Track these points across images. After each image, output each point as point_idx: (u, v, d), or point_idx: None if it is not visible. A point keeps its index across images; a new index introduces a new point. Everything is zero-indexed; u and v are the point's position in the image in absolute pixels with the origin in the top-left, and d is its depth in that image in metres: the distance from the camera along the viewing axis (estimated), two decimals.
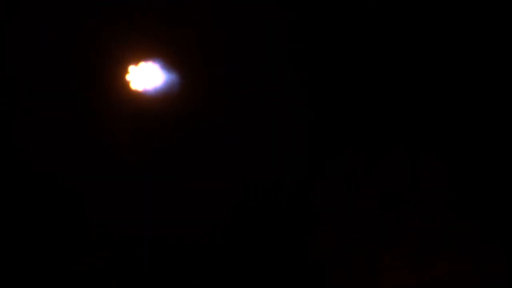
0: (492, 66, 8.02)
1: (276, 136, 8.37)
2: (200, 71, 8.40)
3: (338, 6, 8.30)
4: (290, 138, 8.35)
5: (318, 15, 8.35)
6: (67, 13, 8.28)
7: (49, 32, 8.28)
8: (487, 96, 8.01)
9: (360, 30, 8.29)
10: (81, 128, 8.38)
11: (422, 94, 8.16)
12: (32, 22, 8.29)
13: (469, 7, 8.06)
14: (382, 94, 8.25)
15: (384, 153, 8.15)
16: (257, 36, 8.36)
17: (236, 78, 8.39)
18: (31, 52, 8.32)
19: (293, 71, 8.41)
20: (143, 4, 8.32)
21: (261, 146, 8.36)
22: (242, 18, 8.33)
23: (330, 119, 8.34)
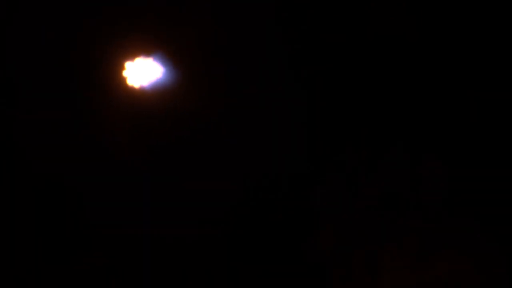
0: (492, 66, 8.02)
1: (276, 136, 8.36)
2: (199, 68, 8.39)
3: (338, 6, 8.29)
4: (290, 138, 8.35)
5: (318, 15, 8.34)
6: (64, 11, 8.27)
7: (47, 31, 8.27)
8: (487, 96, 8.02)
9: (360, 30, 8.29)
10: (79, 127, 8.37)
11: (422, 94, 8.16)
12: (31, 21, 8.28)
13: (469, 7, 8.07)
14: (382, 94, 8.25)
15: (384, 153, 8.15)
16: (257, 35, 8.35)
17: (236, 77, 8.39)
18: (29, 50, 8.30)
19: (293, 71, 8.41)
20: (141, 1, 8.31)
21: (261, 146, 8.36)
22: (242, 16, 8.32)
23: (330, 119, 8.34)
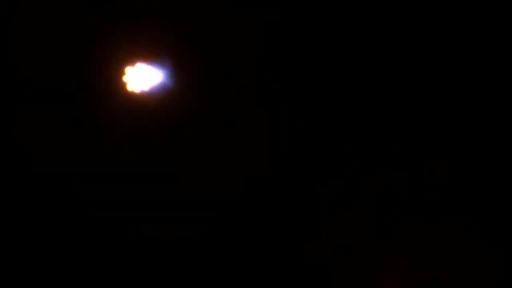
0: (492, 66, 8.02)
1: (276, 136, 8.36)
2: (198, 71, 8.40)
3: (338, 6, 8.29)
4: (290, 138, 8.35)
5: (318, 15, 8.34)
6: (64, 14, 8.27)
7: (47, 32, 8.28)
8: (487, 96, 8.02)
9: (360, 30, 8.29)
10: (80, 129, 8.37)
11: (422, 94, 8.16)
12: (31, 22, 8.29)
13: (469, 7, 8.07)
14: (382, 94, 8.25)
15: (384, 153, 8.15)
16: (257, 36, 8.35)
17: (235, 78, 8.39)
18: (30, 52, 8.31)
19: (293, 71, 8.41)
20: (141, 5, 8.32)
21: (261, 146, 8.36)
22: (241, 18, 8.33)
23: (330, 119, 8.34)
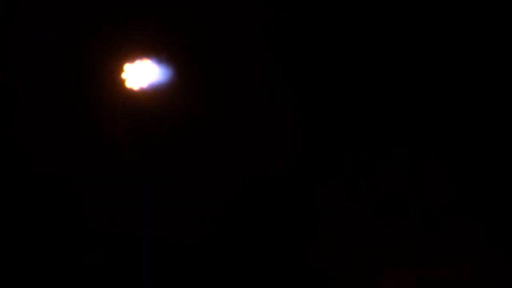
0: (492, 67, 8.03)
1: (277, 136, 8.36)
2: (197, 70, 8.39)
3: (338, 6, 8.29)
4: (290, 138, 8.35)
5: (318, 15, 8.34)
6: (63, 12, 8.26)
7: (46, 31, 8.27)
8: (487, 96, 8.02)
9: (360, 30, 8.29)
10: (79, 127, 8.37)
11: (422, 94, 8.16)
12: (30, 21, 8.28)
13: (469, 7, 8.07)
14: (382, 94, 8.25)
15: (384, 154, 8.16)
16: (256, 36, 8.35)
17: (235, 78, 8.38)
18: (29, 50, 8.30)
19: (293, 71, 8.41)
20: (140, 3, 8.31)
21: (261, 146, 8.36)
22: (240, 17, 8.32)
23: (330, 119, 8.33)
